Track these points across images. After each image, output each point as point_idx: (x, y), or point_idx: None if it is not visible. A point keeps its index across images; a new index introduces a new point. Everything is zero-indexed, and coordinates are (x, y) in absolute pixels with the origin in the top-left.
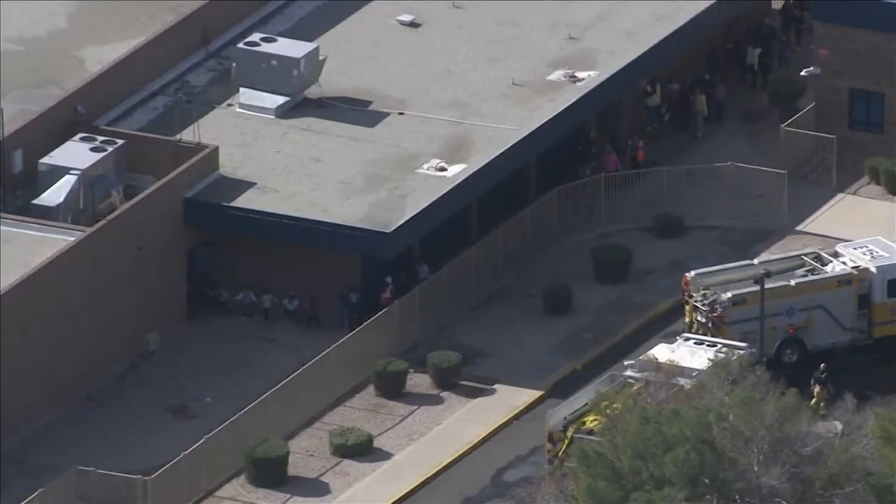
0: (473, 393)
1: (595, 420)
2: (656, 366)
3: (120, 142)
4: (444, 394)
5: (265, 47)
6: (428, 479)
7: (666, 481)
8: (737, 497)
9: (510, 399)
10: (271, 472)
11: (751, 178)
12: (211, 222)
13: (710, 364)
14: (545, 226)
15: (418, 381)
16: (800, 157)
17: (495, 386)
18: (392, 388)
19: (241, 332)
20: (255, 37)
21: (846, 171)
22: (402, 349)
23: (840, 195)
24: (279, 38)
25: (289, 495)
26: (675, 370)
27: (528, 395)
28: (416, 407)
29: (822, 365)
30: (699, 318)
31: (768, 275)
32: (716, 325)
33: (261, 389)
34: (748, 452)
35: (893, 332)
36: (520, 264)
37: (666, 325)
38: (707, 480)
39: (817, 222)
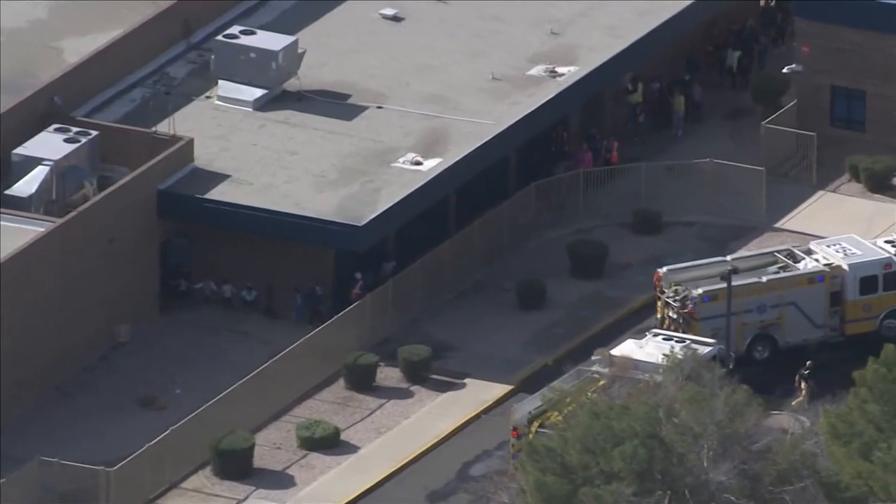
0: (443, 387)
1: (559, 415)
2: (609, 361)
3: (94, 133)
4: (414, 387)
5: (244, 40)
6: (394, 472)
7: (614, 476)
8: (686, 493)
9: (480, 393)
10: (236, 464)
11: (729, 174)
12: (184, 214)
13: (665, 360)
14: (523, 221)
15: (389, 375)
16: (781, 155)
17: (465, 380)
18: (362, 381)
19: (214, 325)
20: (235, 29)
21: (828, 168)
22: (374, 343)
23: (820, 192)
24: (258, 31)
25: (253, 487)
26: (629, 364)
27: (498, 390)
28: (385, 400)
29: (808, 362)
30: (671, 313)
31: (735, 271)
32: (686, 321)
33: (231, 382)
34: (698, 448)
35: (866, 329)
36: (496, 259)
37: (639, 320)
38: (656, 476)
39: (796, 219)
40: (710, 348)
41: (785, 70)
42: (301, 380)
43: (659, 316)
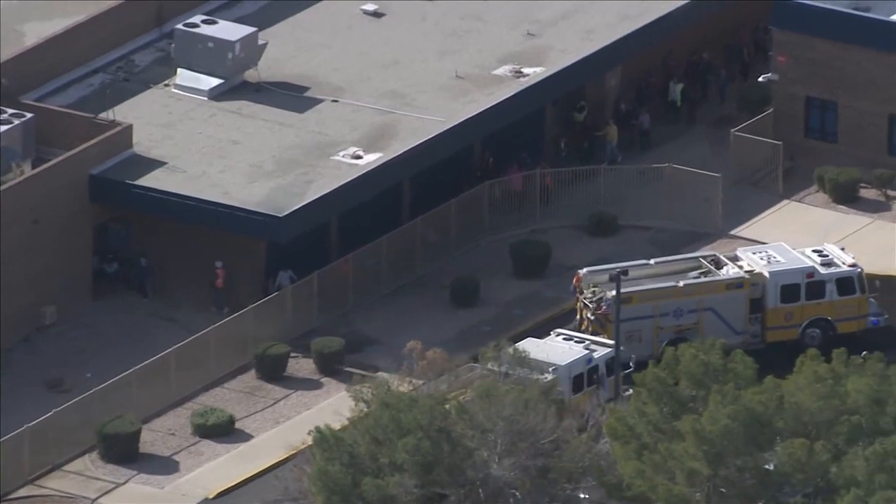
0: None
1: None
2: (420, 355)
3: (28, 115)
4: (325, 379)
5: (204, 29)
6: (279, 461)
7: (399, 468)
8: (479, 487)
9: None
10: (121, 449)
11: (687, 180)
12: (115, 199)
13: (483, 355)
14: (475, 219)
15: (303, 366)
16: (751, 163)
17: (378, 374)
18: (272, 371)
19: (145, 311)
20: (197, 18)
21: (801, 178)
22: (297, 334)
23: (784, 201)
24: (220, 21)
25: (135, 472)
26: (442, 359)
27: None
28: (292, 391)
29: (864, 353)
30: (589, 315)
31: (625, 273)
32: (601, 323)
33: None
34: (487, 443)
35: (787, 337)
36: (443, 256)
37: (570, 321)
38: (441, 469)
39: (753, 227)
40: (607, 350)
41: (761, 79)
42: (210, 367)
43: (578, 317)
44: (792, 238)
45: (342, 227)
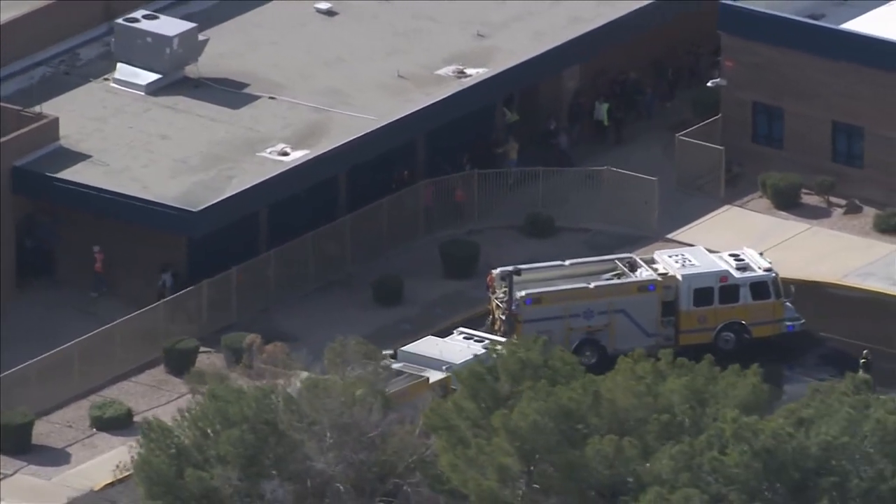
0: (264, 375)
1: None
2: (260, 348)
3: None
4: (234, 375)
5: (143, 24)
6: None
7: (223, 460)
8: (308, 481)
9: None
10: (13, 440)
11: (624, 183)
12: (37, 192)
13: (328, 351)
14: (409, 219)
15: (214, 361)
16: (697, 167)
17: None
18: (181, 365)
19: (68, 304)
20: (138, 13)
21: (748, 183)
22: (214, 329)
23: (726, 206)
24: (161, 16)
25: (25, 464)
26: (282, 352)
27: None
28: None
29: (865, 351)
30: (501, 315)
31: (518, 273)
32: (510, 323)
33: None
34: (314, 436)
35: (701, 340)
36: (377, 254)
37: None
38: (265, 461)
39: (690, 231)
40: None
41: (709, 84)
42: (118, 361)
43: (490, 317)
44: (727, 242)
45: (273, 223)
